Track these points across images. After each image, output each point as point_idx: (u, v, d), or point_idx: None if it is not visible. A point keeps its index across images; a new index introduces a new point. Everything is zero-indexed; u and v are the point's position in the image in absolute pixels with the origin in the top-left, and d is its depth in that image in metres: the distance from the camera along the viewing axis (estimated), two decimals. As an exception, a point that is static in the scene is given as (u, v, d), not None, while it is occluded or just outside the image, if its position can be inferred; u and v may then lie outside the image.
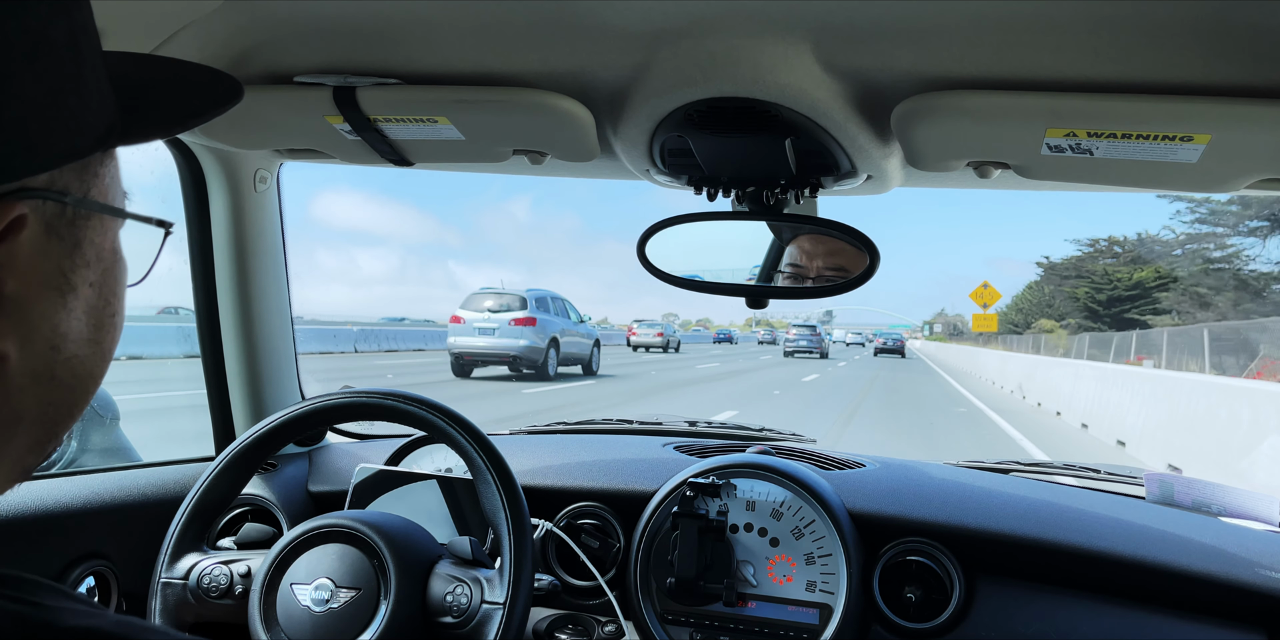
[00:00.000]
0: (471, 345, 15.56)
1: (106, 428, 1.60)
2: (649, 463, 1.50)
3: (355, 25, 0.96)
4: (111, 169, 0.46)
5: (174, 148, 1.46)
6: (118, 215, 0.46)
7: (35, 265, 0.41)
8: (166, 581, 1.19)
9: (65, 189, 0.42)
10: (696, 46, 0.91)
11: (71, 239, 0.43)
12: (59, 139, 0.41)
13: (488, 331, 15.44)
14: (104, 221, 0.45)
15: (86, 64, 0.42)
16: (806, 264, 1.25)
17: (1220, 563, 1.21)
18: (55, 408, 0.45)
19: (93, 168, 0.44)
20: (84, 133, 0.42)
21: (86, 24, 0.42)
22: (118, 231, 0.47)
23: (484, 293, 16.03)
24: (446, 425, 1.19)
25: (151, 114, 0.48)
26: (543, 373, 15.95)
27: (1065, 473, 1.58)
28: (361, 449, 1.68)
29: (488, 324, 15.41)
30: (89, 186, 0.44)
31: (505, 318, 15.42)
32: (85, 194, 0.44)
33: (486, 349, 15.60)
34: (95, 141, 0.43)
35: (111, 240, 0.47)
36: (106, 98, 0.44)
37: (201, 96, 0.52)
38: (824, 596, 1.29)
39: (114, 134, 0.45)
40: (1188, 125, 0.87)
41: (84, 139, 0.42)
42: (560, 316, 16.67)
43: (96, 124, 0.43)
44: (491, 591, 1.11)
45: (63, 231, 0.43)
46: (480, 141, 1.14)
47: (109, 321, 0.47)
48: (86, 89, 0.42)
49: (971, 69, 0.90)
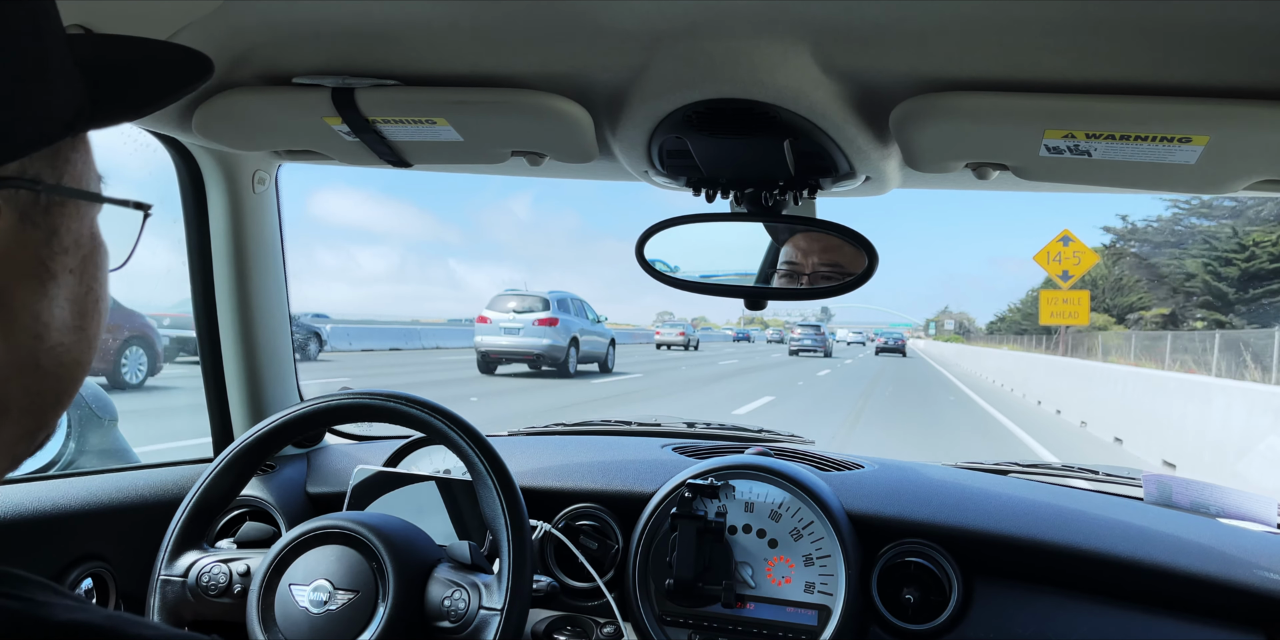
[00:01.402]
0: (497, 344, 16.52)
1: (105, 429, 1.60)
2: (647, 464, 1.50)
3: (354, 27, 0.96)
4: (83, 154, 0.46)
5: (172, 149, 1.46)
6: (93, 200, 0.46)
7: (12, 255, 0.41)
8: (166, 578, 1.19)
9: (37, 177, 0.42)
10: (695, 48, 0.91)
11: (48, 226, 0.43)
12: (26, 126, 0.40)
13: (513, 331, 16.40)
14: (80, 207, 0.45)
15: (50, 50, 0.42)
16: (802, 261, 1.25)
17: (1218, 564, 1.21)
18: (42, 397, 0.45)
19: (64, 154, 0.44)
20: (51, 119, 0.42)
21: (48, 8, 0.42)
22: (95, 217, 0.47)
23: (508, 294, 16.97)
24: (445, 427, 1.19)
25: (120, 96, 0.48)
26: (564, 370, 16.86)
27: (1063, 474, 1.58)
28: (360, 450, 1.68)
29: (513, 324, 16.35)
30: (61, 173, 0.44)
31: (529, 318, 16.33)
32: (58, 181, 0.43)
33: (511, 347, 16.54)
34: (63, 127, 0.43)
35: (89, 226, 0.46)
36: (73, 82, 0.43)
37: (171, 75, 0.51)
38: (822, 598, 1.29)
39: (82, 118, 0.44)
40: (1186, 126, 0.87)
41: (52, 125, 0.42)
42: (579, 317, 17.56)
43: (64, 109, 0.43)
44: (489, 597, 1.11)
45: (38, 219, 0.42)
46: (479, 143, 1.14)
47: (92, 307, 0.47)
48: (51, 75, 0.42)
49: (970, 70, 0.90)
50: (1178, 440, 9.67)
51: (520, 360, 16.90)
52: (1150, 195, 1.28)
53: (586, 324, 17.88)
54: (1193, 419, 9.47)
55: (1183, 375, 11.90)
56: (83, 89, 0.44)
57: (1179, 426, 9.76)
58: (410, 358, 22.77)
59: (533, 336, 16.38)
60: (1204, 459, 8.76)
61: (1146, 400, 10.96)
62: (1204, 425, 9.12)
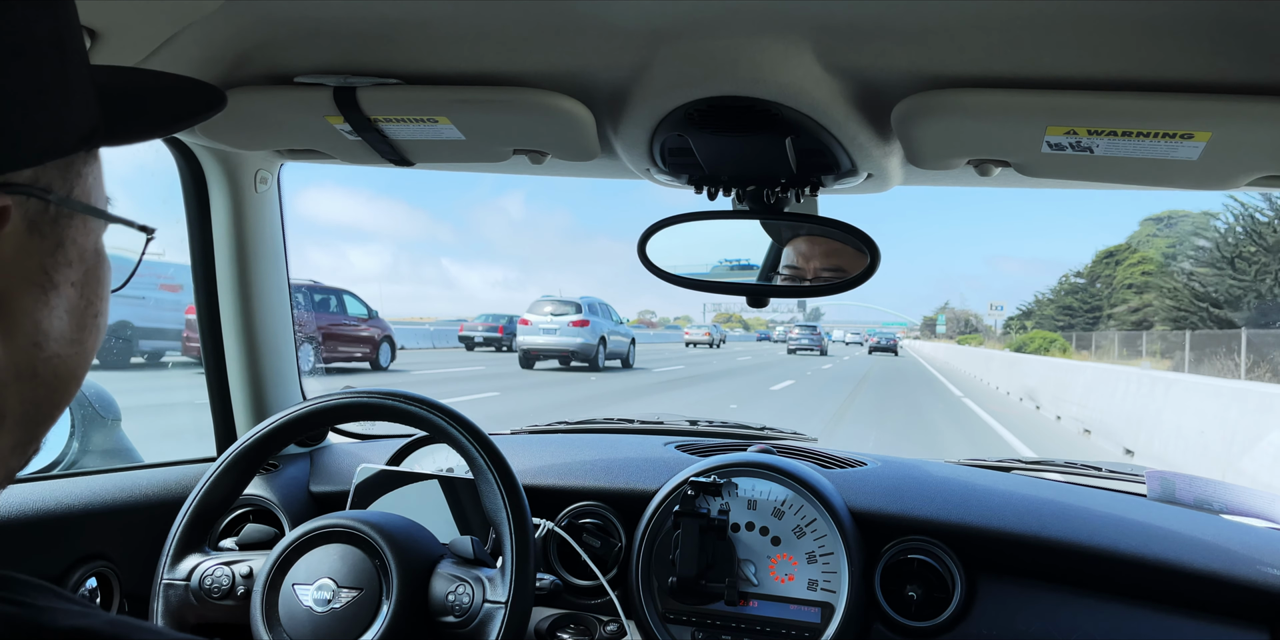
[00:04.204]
0: (536, 342, 19.31)
1: (108, 429, 1.60)
2: (650, 462, 1.50)
3: (355, 26, 0.96)
4: (95, 170, 0.46)
5: (175, 149, 1.46)
6: (100, 217, 0.46)
7: (18, 261, 0.42)
8: (168, 582, 1.19)
9: (49, 187, 0.43)
10: (697, 46, 0.91)
11: (54, 237, 0.43)
12: (43, 135, 0.41)
13: (550, 331, 19.16)
14: (87, 222, 0.46)
15: (71, 63, 0.42)
16: (803, 266, 1.25)
17: (1222, 560, 1.21)
18: (37, 407, 0.45)
19: (76, 167, 0.44)
20: (68, 130, 0.42)
21: (71, 24, 0.43)
22: (100, 234, 0.48)
23: (545, 300, 19.67)
24: (447, 425, 1.19)
25: (136, 118, 0.49)
26: (594, 365, 19.53)
27: (1066, 470, 1.58)
28: (363, 449, 1.68)
29: (550, 325, 19.15)
30: (72, 186, 0.44)
31: (564, 320, 19.09)
32: (69, 193, 0.44)
33: (549, 345, 19.28)
34: (79, 140, 0.43)
35: (94, 241, 0.47)
36: (90, 99, 0.44)
37: (186, 102, 0.53)
38: (825, 595, 1.29)
39: (98, 134, 0.45)
40: (1188, 123, 0.87)
41: (68, 136, 0.43)
42: (606, 319, 20.25)
43: (81, 123, 0.43)
44: (493, 591, 1.12)
45: (45, 229, 0.43)
46: (480, 141, 1.14)
47: (91, 322, 0.47)
48: (70, 88, 0.42)
49: (972, 67, 0.90)
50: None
51: (556, 356, 19.50)
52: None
53: (612, 325, 20.59)
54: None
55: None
56: (99, 109, 0.45)
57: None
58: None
59: (568, 336, 19.07)
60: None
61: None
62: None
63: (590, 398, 13.62)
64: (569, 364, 19.73)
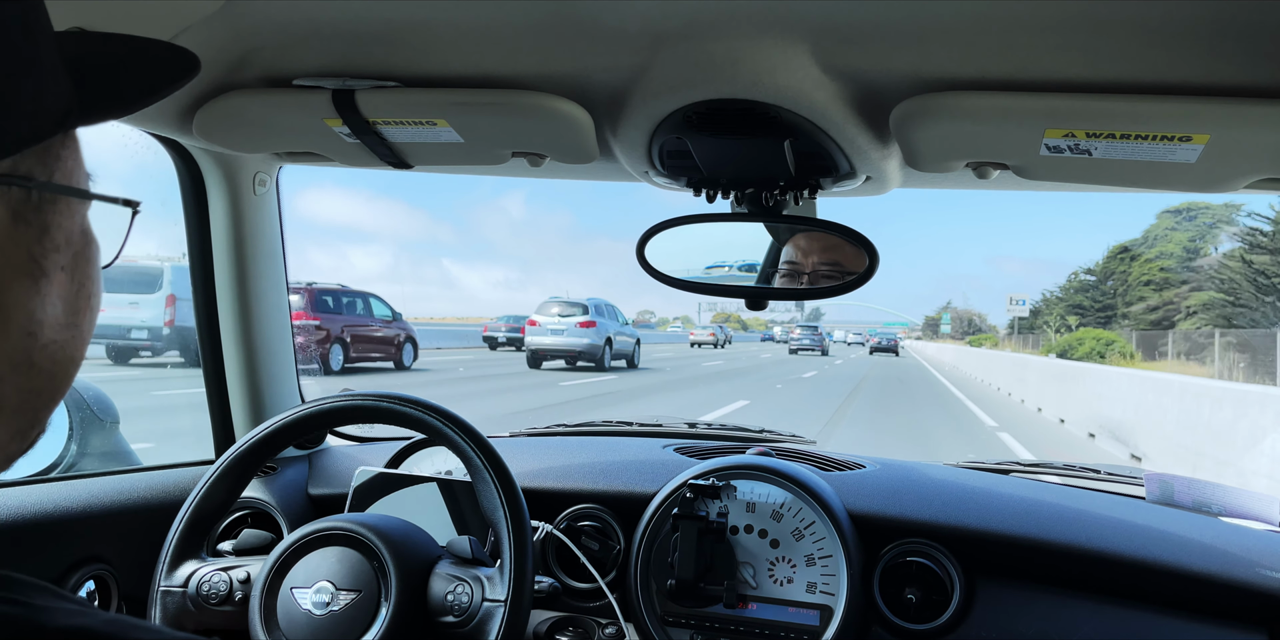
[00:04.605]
0: (543, 342, 19.60)
1: (106, 431, 1.60)
2: (649, 464, 1.50)
3: (354, 28, 0.96)
4: (73, 151, 0.46)
5: (173, 151, 1.46)
6: (83, 197, 0.46)
7: (5, 252, 0.41)
8: (166, 589, 1.19)
9: (29, 174, 0.42)
10: (695, 48, 0.91)
11: (39, 224, 0.43)
12: (18, 123, 0.40)
13: (558, 332, 19.40)
14: (70, 204, 0.45)
15: (41, 47, 0.42)
16: (802, 261, 1.25)
17: (1221, 563, 1.21)
18: (36, 395, 0.45)
19: (54, 151, 0.44)
20: (42, 116, 0.42)
21: (37, 5, 0.42)
22: (85, 213, 0.47)
23: (552, 301, 19.81)
24: (445, 427, 1.19)
25: (108, 93, 0.48)
26: (600, 365, 19.81)
27: (1065, 473, 1.58)
28: (361, 452, 1.68)
29: (558, 326, 19.38)
30: (53, 170, 0.44)
31: (571, 321, 19.30)
32: (49, 178, 0.43)
33: (556, 346, 19.51)
34: (54, 124, 0.43)
35: (80, 222, 0.46)
36: (62, 79, 0.43)
37: (158, 72, 0.51)
38: (824, 598, 1.29)
39: (72, 115, 0.44)
40: (1186, 125, 0.87)
41: (43, 122, 0.42)
42: (612, 320, 20.51)
43: (54, 106, 0.43)
44: (492, 590, 1.12)
45: (29, 217, 0.42)
46: (479, 144, 1.14)
47: (85, 304, 0.47)
48: (42, 72, 0.42)
49: (970, 70, 0.90)
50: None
51: (563, 356, 19.75)
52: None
53: (618, 326, 20.85)
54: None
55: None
56: (71, 86, 0.44)
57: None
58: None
59: (575, 336, 19.34)
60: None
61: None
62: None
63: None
64: (575, 364, 19.92)
